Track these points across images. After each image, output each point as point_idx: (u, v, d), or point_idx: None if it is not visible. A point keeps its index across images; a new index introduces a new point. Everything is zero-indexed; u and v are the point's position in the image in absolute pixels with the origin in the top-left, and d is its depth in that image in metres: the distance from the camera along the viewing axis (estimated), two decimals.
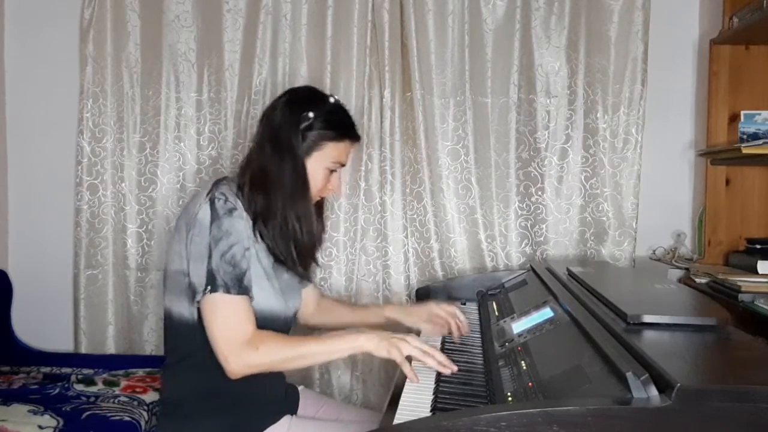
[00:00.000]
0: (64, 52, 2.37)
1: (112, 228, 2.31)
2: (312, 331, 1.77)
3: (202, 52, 2.30)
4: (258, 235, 1.40)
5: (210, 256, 1.31)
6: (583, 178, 2.26)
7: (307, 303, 1.66)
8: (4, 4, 2.39)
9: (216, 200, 1.34)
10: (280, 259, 1.43)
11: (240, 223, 1.35)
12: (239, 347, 1.31)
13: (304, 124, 1.43)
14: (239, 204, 1.37)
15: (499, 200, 2.28)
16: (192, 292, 1.34)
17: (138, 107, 2.31)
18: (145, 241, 2.32)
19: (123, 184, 2.31)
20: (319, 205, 1.56)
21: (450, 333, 1.59)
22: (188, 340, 1.39)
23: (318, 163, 1.45)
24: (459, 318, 1.58)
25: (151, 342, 2.35)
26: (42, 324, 2.38)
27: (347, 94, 2.23)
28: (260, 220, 1.39)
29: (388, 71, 2.23)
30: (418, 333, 1.62)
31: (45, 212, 2.41)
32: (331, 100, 1.50)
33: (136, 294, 2.33)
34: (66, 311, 2.37)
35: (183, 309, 1.38)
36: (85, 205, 2.29)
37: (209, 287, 1.30)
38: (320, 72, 2.25)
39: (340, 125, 1.48)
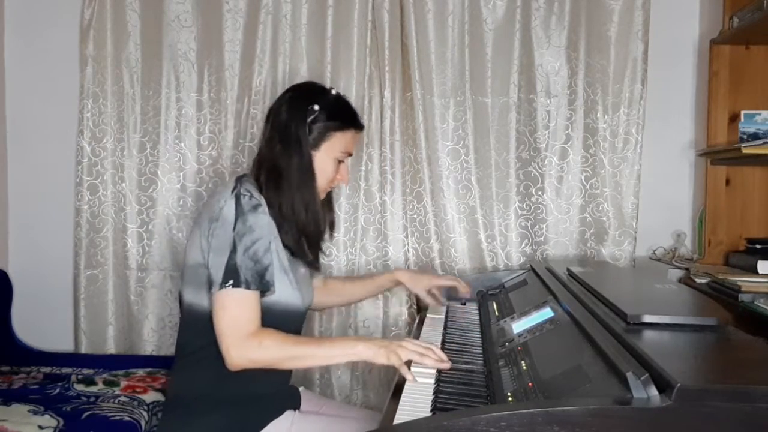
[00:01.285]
0: (64, 52, 2.37)
1: (112, 228, 2.31)
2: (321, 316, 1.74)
3: (202, 52, 2.30)
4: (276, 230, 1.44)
5: (234, 251, 1.33)
6: (583, 178, 2.26)
7: (316, 291, 1.70)
8: (4, 5, 2.39)
9: (242, 196, 1.37)
10: (292, 251, 1.47)
11: (264, 219, 1.38)
12: (243, 340, 1.33)
13: (310, 117, 1.47)
14: (263, 200, 1.41)
15: (499, 200, 2.28)
16: (209, 283, 1.36)
17: (138, 107, 2.31)
18: (145, 241, 2.32)
19: (123, 184, 2.31)
20: (329, 196, 1.61)
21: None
22: (207, 331, 1.40)
23: (327, 155, 1.50)
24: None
25: (151, 342, 2.35)
26: (42, 324, 2.38)
27: (347, 94, 2.20)
28: (275, 214, 1.43)
29: (388, 71, 2.23)
30: (417, 336, 1.62)
31: (45, 212, 2.41)
32: (333, 92, 1.56)
33: (136, 294, 2.33)
34: (66, 311, 2.37)
35: (203, 301, 1.41)
36: (85, 205, 2.29)
37: (231, 282, 1.33)
38: (320, 72, 2.25)
39: (345, 115, 1.53)
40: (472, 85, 2.25)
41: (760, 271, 1.88)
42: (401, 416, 1.08)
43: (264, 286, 1.35)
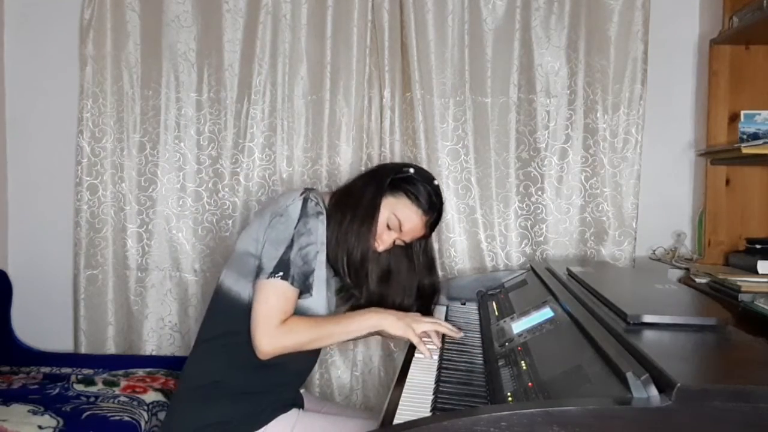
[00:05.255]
0: (64, 52, 2.37)
1: (112, 228, 2.31)
2: None
3: (202, 52, 2.30)
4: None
5: (290, 246, 1.42)
6: (583, 178, 2.26)
7: None
8: (4, 4, 2.39)
9: (309, 200, 1.46)
10: (333, 267, 1.52)
11: (321, 228, 1.47)
12: (275, 328, 1.40)
13: (401, 175, 1.57)
14: (325, 212, 1.48)
15: (499, 200, 2.28)
16: (257, 271, 1.43)
17: (138, 107, 2.31)
18: (145, 241, 2.32)
19: (123, 184, 2.31)
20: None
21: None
22: (237, 319, 1.46)
23: (384, 209, 1.54)
24: (444, 327, 1.55)
25: (151, 342, 2.34)
26: (42, 324, 2.38)
27: (347, 94, 2.23)
28: (331, 228, 1.49)
29: (388, 71, 2.23)
30: None
31: (45, 212, 2.41)
32: (436, 182, 1.62)
33: (136, 294, 2.33)
34: (66, 311, 2.37)
35: (242, 289, 1.47)
36: (85, 205, 2.29)
37: (281, 273, 1.40)
38: (320, 72, 2.25)
39: (426, 198, 1.57)
40: (471, 85, 2.25)
41: (760, 271, 1.87)
42: (401, 416, 1.08)
43: (305, 288, 1.43)
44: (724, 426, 0.84)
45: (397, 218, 1.54)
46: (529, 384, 1.12)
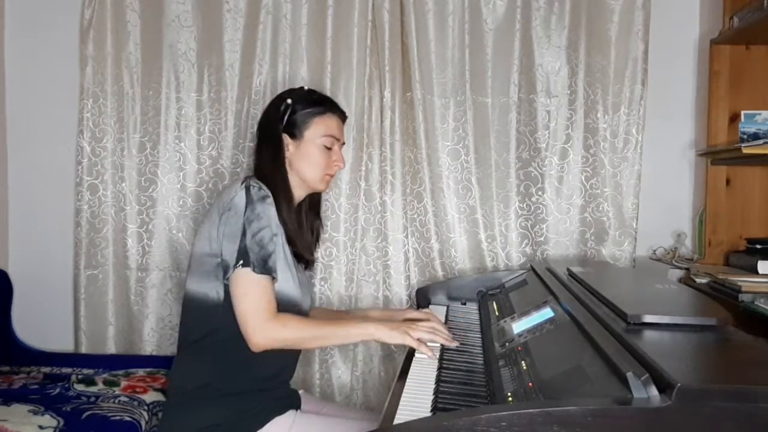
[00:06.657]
0: (64, 52, 2.37)
1: (112, 228, 2.31)
2: None
3: (202, 52, 2.30)
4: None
5: (243, 235, 1.42)
6: (583, 178, 2.26)
7: None
8: (4, 4, 2.39)
9: (251, 187, 1.47)
10: (290, 243, 1.55)
11: (271, 210, 1.47)
12: (266, 321, 1.41)
13: (287, 112, 1.58)
14: (270, 193, 1.49)
15: (500, 200, 2.28)
16: (224, 270, 1.43)
17: (138, 107, 2.30)
18: (145, 241, 2.32)
19: (123, 184, 2.31)
20: (316, 204, 1.72)
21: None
22: (210, 319, 1.47)
23: (312, 142, 1.59)
24: (440, 336, 1.50)
25: (151, 342, 2.34)
26: (42, 324, 2.38)
27: (347, 94, 2.23)
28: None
29: (388, 71, 2.23)
30: None
31: (45, 212, 2.41)
32: (305, 87, 1.68)
33: (136, 294, 2.33)
34: (66, 311, 2.37)
35: (208, 289, 1.47)
36: (85, 205, 2.29)
37: (241, 262, 1.41)
38: (320, 72, 2.25)
39: (321, 101, 1.65)
40: (472, 85, 2.25)
41: (760, 271, 1.88)
42: (401, 416, 1.08)
43: (267, 271, 1.42)
44: (724, 426, 0.84)
45: (326, 136, 1.60)
46: (530, 384, 1.12)
